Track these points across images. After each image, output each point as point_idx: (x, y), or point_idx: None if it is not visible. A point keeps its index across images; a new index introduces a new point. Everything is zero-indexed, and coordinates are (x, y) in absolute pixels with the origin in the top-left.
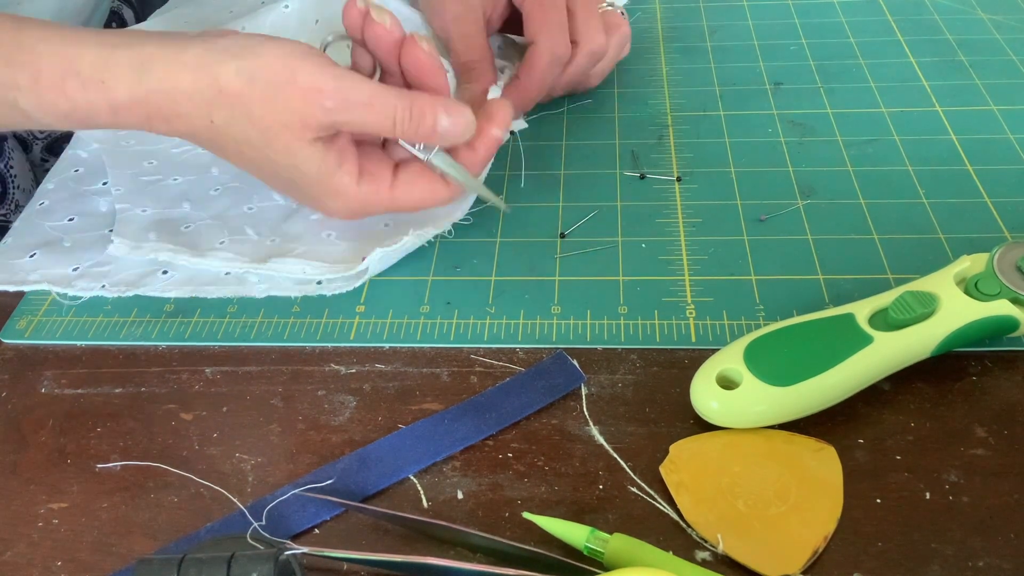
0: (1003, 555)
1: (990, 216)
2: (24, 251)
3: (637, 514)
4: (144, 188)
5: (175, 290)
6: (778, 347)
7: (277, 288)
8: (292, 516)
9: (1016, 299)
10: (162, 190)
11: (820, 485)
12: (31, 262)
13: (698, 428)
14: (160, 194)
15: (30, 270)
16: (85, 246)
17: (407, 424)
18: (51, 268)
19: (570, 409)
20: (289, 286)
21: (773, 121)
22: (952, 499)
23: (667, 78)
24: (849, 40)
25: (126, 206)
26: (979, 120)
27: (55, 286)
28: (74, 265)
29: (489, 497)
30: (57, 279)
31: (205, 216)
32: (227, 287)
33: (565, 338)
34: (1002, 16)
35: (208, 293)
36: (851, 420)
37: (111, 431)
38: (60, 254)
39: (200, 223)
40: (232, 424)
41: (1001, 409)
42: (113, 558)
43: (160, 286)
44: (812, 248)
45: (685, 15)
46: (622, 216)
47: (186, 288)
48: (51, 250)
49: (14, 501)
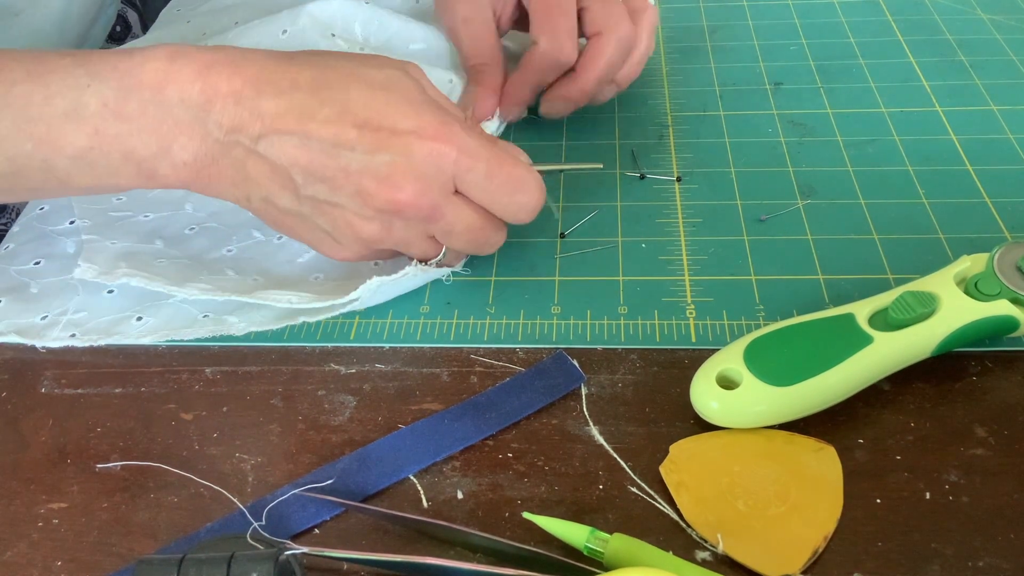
0: (1003, 555)
1: (990, 216)
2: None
3: (637, 514)
4: (113, 223)
5: (150, 336)
6: (778, 347)
7: (257, 323)
8: (292, 516)
9: (1016, 299)
10: (132, 226)
11: (820, 485)
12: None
13: (698, 428)
14: (130, 230)
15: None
16: (53, 292)
17: (407, 424)
18: (18, 317)
19: (570, 409)
20: (269, 320)
21: (773, 121)
22: (952, 499)
23: (667, 78)
24: (849, 40)
25: (94, 237)
26: (979, 120)
27: (24, 337)
28: (42, 313)
29: (489, 497)
30: (25, 329)
31: (180, 256)
32: (204, 328)
33: (565, 338)
34: (1002, 16)
35: (184, 336)
36: (851, 420)
37: (111, 431)
38: (27, 301)
39: (176, 261)
40: (232, 424)
41: (1001, 409)
42: (113, 558)
43: (135, 332)
44: (812, 248)
45: (685, 15)
46: (622, 216)
47: (161, 333)
48: (17, 297)
49: (14, 501)
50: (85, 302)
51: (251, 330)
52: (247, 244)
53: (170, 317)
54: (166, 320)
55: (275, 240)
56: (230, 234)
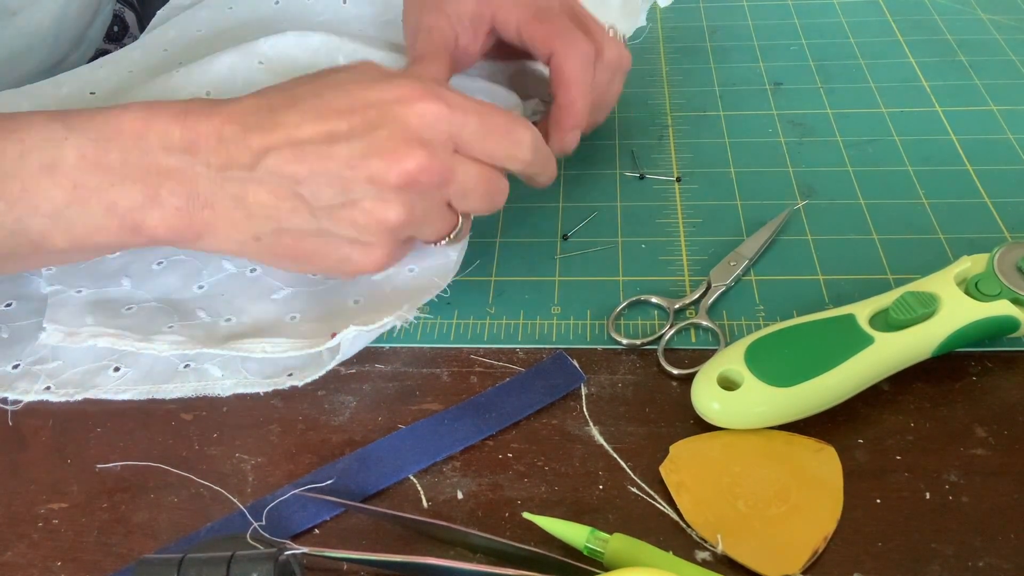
0: (1003, 555)
1: (990, 216)
2: None
3: (637, 514)
4: (77, 266)
5: (130, 390)
6: (779, 348)
7: (244, 384)
8: (292, 516)
9: (1016, 299)
10: (96, 265)
11: (820, 485)
12: None
13: (698, 428)
14: (95, 270)
15: None
16: (25, 337)
17: (407, 424)
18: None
19: (570, 409)
20: (257, 380)
21: (773, 121)
22: (952, 499)
23: (667, 78)
24: (849, 40)
25: (58, 287)
26: (979, 120)
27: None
28: (14, 361)
29: (489, 497)
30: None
31: (148, 298)
32: (188, 384)
33: (565, 338)
34: (1002, 16)
35: (167, 393)
36: (851, 420)
37: (111, 431)
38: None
39: (144, 305)
40: (232, 424)
41: (1001, 409)
42: (113, 558)
43: (113, 386)
44: (812, 248)
45: (685, 15)
46: (622, 216)
47: (142, 387)
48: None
49: (14, 501)
50: (59, 348)
51: (238, 391)
52: (219, 279)
53: (149, 367)
54: (145, 372)
55: (248, 273)
56: (200, 268)
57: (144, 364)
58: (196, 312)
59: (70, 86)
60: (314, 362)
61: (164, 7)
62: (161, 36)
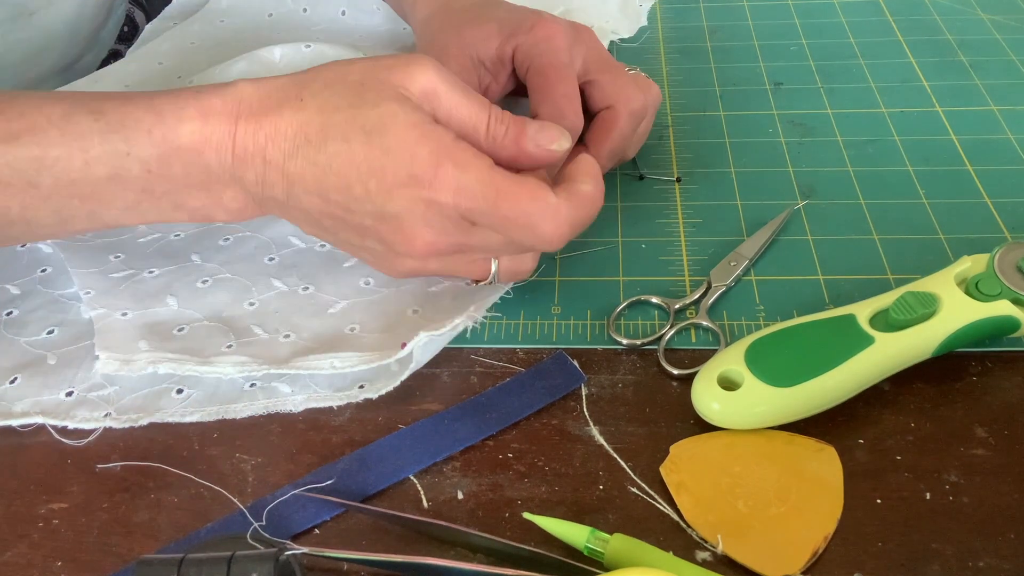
0: (1003, 555)
1: (990, 216)
2: (2, 375)
3: (637, 514)
4: (116, 287)
5: (197, 412)
6: (779, 348)
7: (316, 400)
8: (292, 516)
9: (1017, 299)
10: (138, 286)
11: (820, 485)
12: (13, 389)
13: (698, 428)
14: (137, 291)
15: (14, 399)
16: (75, 362)
17: (407, 424)
18: (41, 395)
19: (570, 409)
20: (328, 395)
21: (773, 121)
22: (952, 499)
23: (667, 78)
24: (849, 40)
25: (102, 311)
26: (979, 120)
27: (50, 418)
28: (67, 388)
29: (489, 497)
30: (51, 409)
31: (199, 316)
32: (257, 402)
33: (565, 338)
34: (1002, 16)
35: (236, 413)
36: (851, 420)
37: (111, 431)
38: (47, 375)
39: (196, 326)
40: (232, 424)
41: (1001, 409)
42: (113, 558)
43: (178, 408)
44: (812, 248)
45: (685, 15)
46: (622, 216)
47: (209, 409)
48: (35, 371)
49: (14, 501)
50: (113, 374)
51: (310, 406)
52: (269, 296)
53: (214, 388)
54: (211, 393)
55: (300, 291)
56: (249, 285)
57: (208, 384)
58: (252, 328)
59: None
60: (385, 373)
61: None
62: (155, 49)
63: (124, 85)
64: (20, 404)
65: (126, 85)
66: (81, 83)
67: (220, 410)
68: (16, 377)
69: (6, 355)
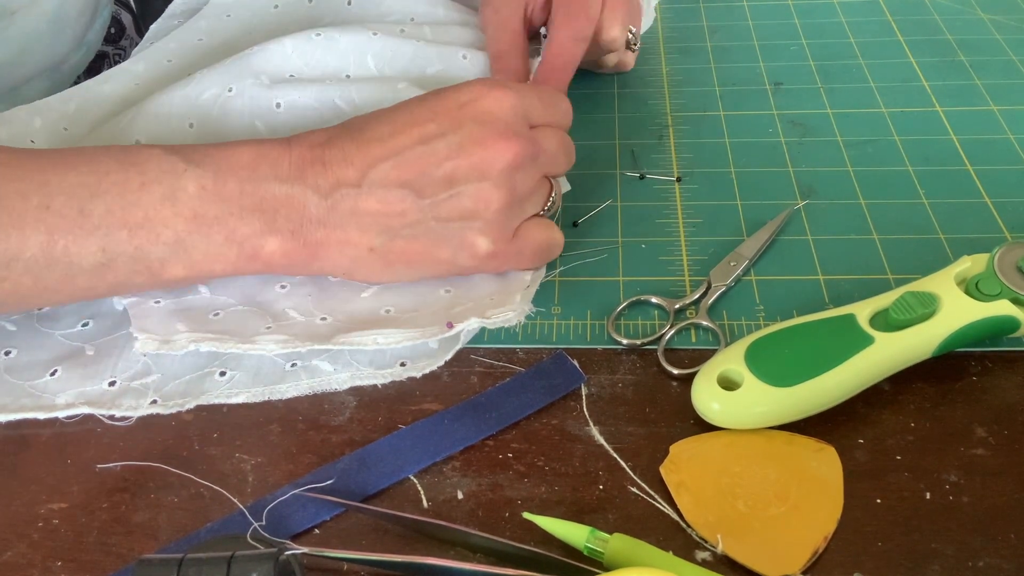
0: (1003, 555)
1: (990, 216)
2: (41, 368)
3: (637, 514)
4: None
5: (242, 393)
6: (779, 348)
7: (359, 377)
8: (292, 516)
9: (1017, 299)
10: None
11: (820, 485)
12: (55, 381)
13: (698, 428)
14: None
15: (57, 391)
16: (114, 352)
17: (407, 424)
18: (83, 386)
19: (570, 409)
20: (371, 372)
21: (773, 121)
22: (952, 499)
23: (667, 78)
24: (849, 40)
25: (134, 299)
26: (979, 120)
27: (96, 408)
28: (109, 378)
29: (489, 497)
30: (95, 398)
31: (232, 302)
32: (302, 382)
33: (565, 338)
34: (1002, 16)
35: (282, 393)
36: (851, 420)
37: (111, 431)
38: (87, 366)
39: (231, 310)
40: (232, 424)
41: (1001, 409)
42: (113, 558)
43: (223, 391)
44: (812, 248)
45: (685, 15)
46: (622, 216)
47: (255, 390)
48: (74, 363)
49: (14, 501)
50: (156, 360)
51: (355, 383)
52: (299, 279)
53: (256, 369)
54: (253, 374)
55: (331, 278)
56: None
57: (250, 366)
58: (287, 311)
59: (78, 101)
60: (425, 352)
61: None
62: (162, 48)
63: (134, 84)
64: (63, 396)
65: (136, 84)
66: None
67: (266, 391)
68: (56, 369)
69: (43, 348)
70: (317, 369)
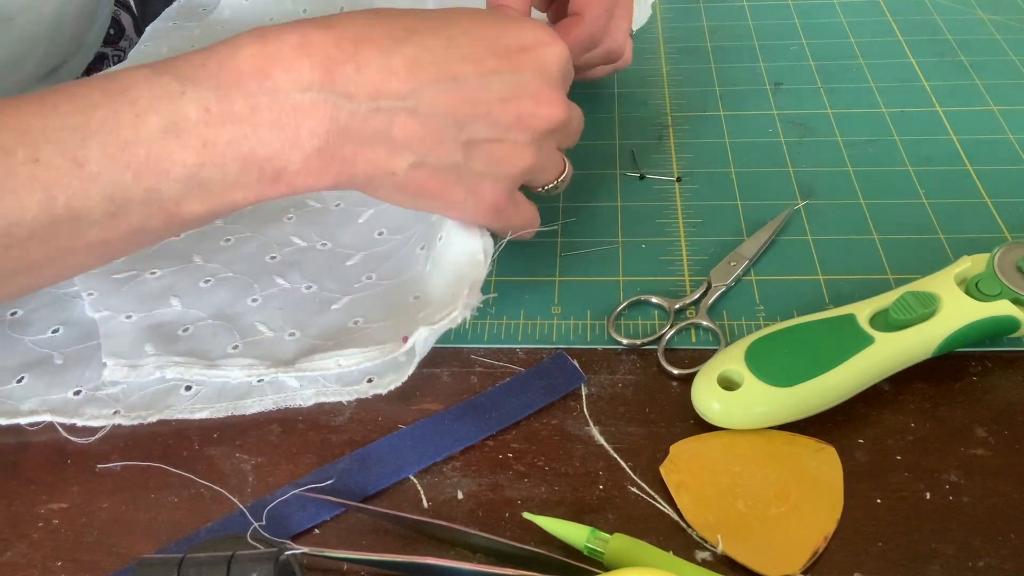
0: (1003, 555)
1: (990, 216)
2: (8, 374)
3: (637, 514)
4: (119, 288)
5: (206, 409)
6: (779, 348)
7: (325, 394)
8: (292, 516)
9: (1017, 299)
10: (141, 286)
11: (820, 485)
12: (20, 388)
13: (698, 428)
14: (140, 292)
15: (21, 398)
16: (82, 361)
17: (407, 424)
18: (48, 393)
19: (570, 409)
20: (337, 389)
21: (773, 121)
22: (952, 499)
23: (667, 78)
24: (849, 40)
25: (106, 313)
26: (979, 120)
27: (59, 416)
28: (75, 387)
29: (489, 497)
30: (59, 407)
31: (203, 315)
32: (267, 398)
33: (565, 338)
34: (1002, 16)
35: (246, 409)
36: (851, 420)
37: (111, 431)
38: (54, 374)
39: (201, 325)
40: (232, 424)
41: (1001, 409)
42: (113, 558)
43: (187, 406)
44: (812, 248)
45: (685, 15)
46: (622, 216)
47: (220, 405)
48: (42, 371)
49: (14, 501)
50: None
51: (320, 400)
52: (272, 292)
53: (222, 384)
54: (219, 389)
55: (303, 289)
56: (251, 283)
57: (217, 380)
58: (256, 326)
59: None
60: (392, 367)
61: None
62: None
63: None
64: (28, 403)
65: None
66: None
67: (229, 406)
68: (23, 376)
69: (12, 354)
70: (283, 385)
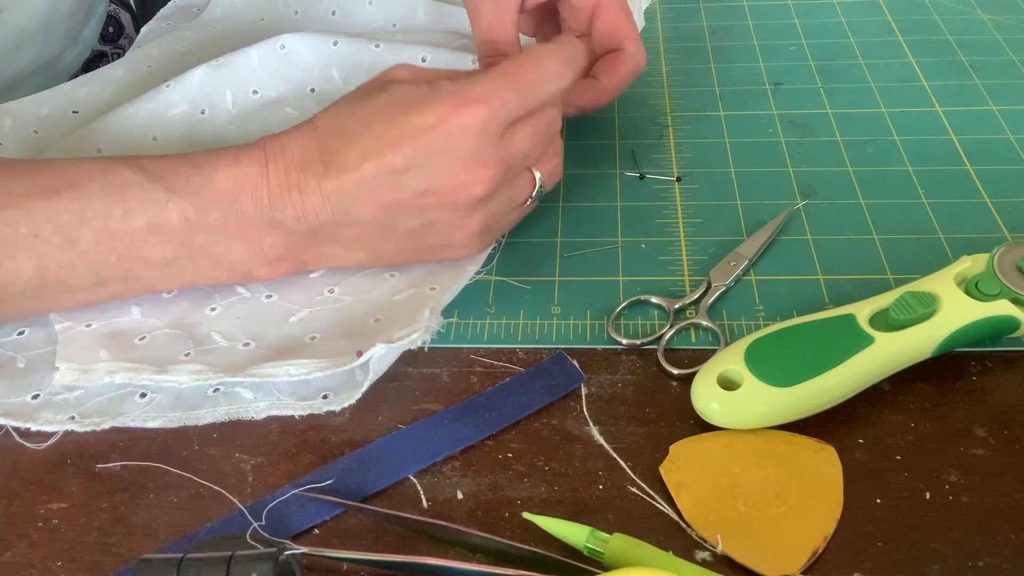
0: (1003, 555)
1: (990, 216)
2: None
3: (637, 514)
4: None
5: (160, 417)
6: (779, 348)
7: (278, 407)
8: (292, 516)
9: (1016, 299)
10: None
11: (820, 485)
12: None
13: (698, 428)
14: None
15: None
16: (44, 366)
17: (407, 424)
18: (6, 396)
19: (570, 409)
20: (290, 402)
21: (773, 121)
22: (952, 499)
23: (667, 78)
24: (849, 40)
25: (67, 324)
26: (979, 120)
27: (14, 420)
28: (33, 392)
29: (489, 497)
30: (15, 411)
31: (161, 324)
32: (220, 408)
33: (565, 338)
34: (1002, 16)
35: (199, 419)
36: (851, 420)
37: (111, 431)
38: (15, 377)
39: (158, 333)
40: (232, 424)
41: (1001, 409)
42: (113, 558)
43: (140, 413)
44: (812, 248)
45: (685, 15)
46: (622, 216)
47: (172, 414)
48: (3, 373)
49: (14, 501)
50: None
51: (272, 413)
52: (231, 301)
53: (177, 393)
54: (174, 398)
55: (263, 299)
56: (212, 292)
57: (171, 389)
58: (211, 336)
59: (51, 105)
60: (349, 383)
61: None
62: (146, 53)
63: (111, 90)
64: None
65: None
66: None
67: (183, 416)
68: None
69: None
70: (238, 396)
